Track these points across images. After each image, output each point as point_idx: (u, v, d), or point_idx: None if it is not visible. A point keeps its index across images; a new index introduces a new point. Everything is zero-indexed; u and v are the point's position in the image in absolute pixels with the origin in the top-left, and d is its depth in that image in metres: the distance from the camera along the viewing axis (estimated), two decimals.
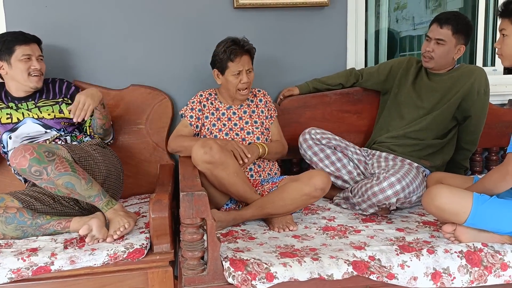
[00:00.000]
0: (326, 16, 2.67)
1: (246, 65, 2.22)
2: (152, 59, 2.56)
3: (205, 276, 1.62)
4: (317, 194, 2.03)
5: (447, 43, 2.30)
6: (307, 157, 2.38)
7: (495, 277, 1.71)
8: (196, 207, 1.58)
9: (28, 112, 2.17)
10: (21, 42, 2.13)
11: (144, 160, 2.49)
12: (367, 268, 1.66)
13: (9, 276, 1.66)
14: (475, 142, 2.50)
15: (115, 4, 2.48)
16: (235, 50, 2.18)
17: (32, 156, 1.76)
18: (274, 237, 1.93)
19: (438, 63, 2.36)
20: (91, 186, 1.87)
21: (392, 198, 2.05)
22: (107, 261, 1.74)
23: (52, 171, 1.78)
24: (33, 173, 1.78)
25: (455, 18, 2.30)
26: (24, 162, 1.76)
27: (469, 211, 1.72)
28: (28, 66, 2.14)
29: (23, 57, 2.12)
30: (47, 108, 2.20)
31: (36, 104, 2.20)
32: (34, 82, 2.16)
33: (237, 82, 2.22)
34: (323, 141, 2.35)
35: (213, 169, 1.98)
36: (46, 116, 2.18)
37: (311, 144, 2.35)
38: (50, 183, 1.81)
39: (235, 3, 2.53)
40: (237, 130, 2.29)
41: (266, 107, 2.40)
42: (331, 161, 2.34)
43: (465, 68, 2.41)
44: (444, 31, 2.29)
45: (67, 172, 1.81)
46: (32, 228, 1.86)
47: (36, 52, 2.18)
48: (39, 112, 2.18)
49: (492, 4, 3.06)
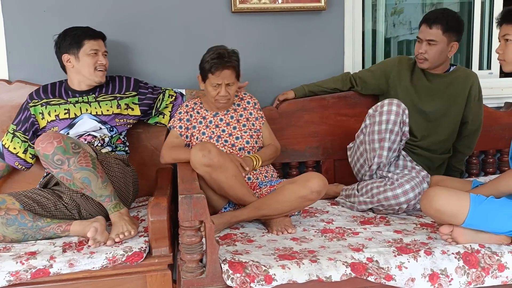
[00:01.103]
0: (323, 20, 2.69)
1: (226, 79, 2.20)
2: (150, 64, 2.57)
3: (204, 279, 1.63)
4: (313, 196, 2.03)
5: (438, 42, 2.29)
6: (380, 126, 2.16)
7: (493, 278, 1.72)
8: (194, 209, 1.59)
9: (87, 106, 2.22)
10: (90, 37, 2.19)
11: (142, 164, 2.49)
12: (365, 269, 1.67)
13: (7, 279, 1.66)
14: (471, 146, 2.52)
15: (115, 9, 2.50)
16: (216, 65, 2.16)
17: (60, 144, 1.78)
18: (272, 239, 1.94)
19: (433, 63, 2.36)
20: (105, 186, 1.90)
21: (403, 204, 2.10)
22: (106, 265, 1.74)
23: (74, 163, 1.81)
24: (55, 161, 1.79)
25: (443, 16, 2.28)
26: (49, 148, 1.77)
27: (467, 212, 1.73)
28: (95, 60, 2.19)
29: (91, 52, 2.18)
30: (106, 103, 2.26)
31: (96, 98, 2.25)
32: (99, 76, 2.21)
33: (215, 94, 2.22)
34: (405, 127, 2.19)
35: (212, 172, 1.98)
36: (104, 112, 2.24)
37: (397, 121, 2.14)
38: (68, 174, 1.83)
39: (233, 7, 2.55)
40: (225, 137, 2.29)
41: (255, 108, 2.41)
42: (394, 148, 2.18)
43: (461, 72, 2.43)
44: (434, 31, 2.28)
45: (88, 167, 1.84)
46: (32, 231, 1.87)
47: (102, 47, 2.24)
48: (98, 106, 2.23)
49: (488, 9, 3.09)
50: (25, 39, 2.44)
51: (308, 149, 2.65)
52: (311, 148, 2.65)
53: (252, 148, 2.31)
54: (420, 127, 2.40)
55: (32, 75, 2.44)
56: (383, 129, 2.16)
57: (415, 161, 2.36)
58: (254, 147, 2.32)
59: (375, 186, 2.19)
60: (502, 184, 1.85)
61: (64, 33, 2.20)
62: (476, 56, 3.03)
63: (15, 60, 2.45)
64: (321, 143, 2.65)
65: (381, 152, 2.18)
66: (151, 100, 2.39)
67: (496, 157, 2.86)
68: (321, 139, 2.65)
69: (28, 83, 2.40)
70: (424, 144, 2.38)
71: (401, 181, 2.12)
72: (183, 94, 2.47)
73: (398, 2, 3.84)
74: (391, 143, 2.17)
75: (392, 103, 2.17)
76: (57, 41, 2.21)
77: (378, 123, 2.18)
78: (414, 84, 2.45)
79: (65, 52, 2.18)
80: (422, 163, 2.36)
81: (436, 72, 2.43)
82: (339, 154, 2.62)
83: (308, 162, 2.67)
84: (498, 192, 1.83)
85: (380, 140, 2.17)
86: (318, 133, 2.65)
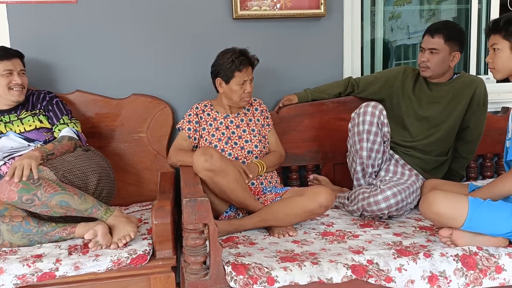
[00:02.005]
0: (323, 26, 2.73)
1: (250, 75, 2.29)
2: (153, 69, 2.60)
3: (207, 281, 1.66)
4: (321, 211, 2.08)
5: (440, 51, 2.34)
6: (359, 127, 2.26)
7: (490, 280, 1.75)
8: (198, 212, 1.62)
9: (10, 125, 2.19)
10: (2, 58, 2.14)
11: (145, 168, 2.53)
12: (365, 271, 1.70)
13: (14, 282, 1.69)
14: (473, 151, 2.54)
15: (117, 15, 2.53)
16: (244, 61, 2.24)
17: (18, 187, 1.81)
18: (274, 242, 1.97)
19: (435, 71, 2.40)
20: (84, 200, 1.91)
21: (384, 210, 2.17)
22: (111, 267, 1.77)
23: (42, 194, 1.83)
24: (25, 202, 1.82)
25: (445, 27, 2.35)
26: (13, 195, 1.81)
27: (466, 215, 1.77)
28: (9, 80, 2.14)
29: (5, 72, 2.13)
30: (28, 119, 2.21)
31: (18, 117, 2.21)
32: (16, 96, 2.17)
33: (241, 92, 2.28)
34: (385, 128, 2.28)
35: (214, 177, 2.01)
36: (28, 128, 2.19)
37: (374, 122, 2.24)
38: (44, 206, 1.85)
39: (234, 14, 2.59)
40: (235, 139, 2.33)
41: (262, 115, 2.45)
42: (376, 149, 2.28)
43: (466, 78, 2.45)
44: (436, 40, 2.34)
45: (57, 191, 1.85)
46: (38, 236, 1.89)
47: (18, 66, 2.19)
48: (21, 124, 2.19)
49: (485, 15, 3.13)
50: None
51: (308, 153, 2.68)
52: (311, 152, 2.69)
53: (260, 152, 2.35)
54: (417, 129, 2.44)
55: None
56: (360, 130, 2.27)
57: (409, 163, 2.38)
58: (262, 152, 2.36)
59: (361, 192, 2.25)
60: (498, 187, 1.90)
61: None
62: (473, 61, 3.07)
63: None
64: (320, 147, 2.69)
65: (361, 152, 2.27)
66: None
67: (493, 161, 2.90)
68: (320, 143, 2.69)
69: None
70: (419, 146, 2.41)
71: (383, 187, 2.19)
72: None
73: (396, 8, 3.88)
74: (371, 143, 2.26)
75: (368, 105, 2.28)
76: None
77: (356, 125, 2.29)
78: (416, 93, 2.48)
79: None
80: (416, 165, 2.39)
81: (438, 81, 2.46)
82: (338, 158, 2.66)
83: (308, 166, 2.71)
84: (494, 195, 1.87)
85: (360, 141, 2.27)
86: (318, 138, 2.68)
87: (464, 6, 3.29)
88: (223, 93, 2.34)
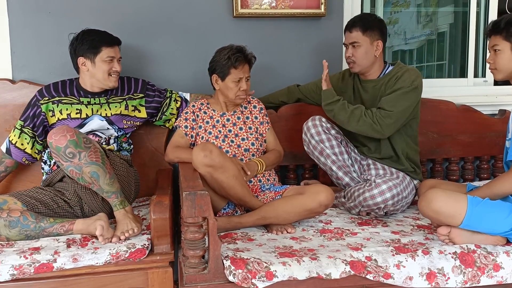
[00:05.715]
0: (322, 26, 2.74)
1: (246, 73, 2.29)
2: (152, 67, 2.60)
3: (206, 274, 1.65)
4: (321, 210, 2.08)
5: (361, 43, 2.32)
6: (312, 143, 2.34)
7: (488, 278, 1.76)
8: (198, 206, 1.62)
9: (98, 108, 2.24)
10: (107, 44, 2.19)
11: (143, 165, 2.52)
12: (364, 267, 1.71)
13: (11, 273, 1.68)
14: None
15: (118, 13, 2.54)
16: (240, 58, 2.24)
17: (72, 138, 1.82)
18: (272, 238, 1.97)
19: (362, 65, 2.35)
20: (113, 182, 1.93)
21: (381, 204, 2.16)
22: (109, 260, 1.77)
23: (84, 157, 1.85)
24: (66, 154, 1.83)
25: (360, 19, 2.36)
26: (62, 141, 1.81)
27: (465, 213, 1.78)
28: (111, 67, 2.20)
29: (108, 59, 2.19)
30: (116, 105, 2.28)
31: (107, 100, 2.27)
32: (113, 82, 2.24)
33: (236, 89, 2.28)
34: (332, 131, 2.35)
35: (213, 172, 2.01)
36: (113, 112, 2.27)
37: (320, 131, 2.32)
38: (78, 168, 1.86)
39: (234, 12, 2.59)
40: (232, 137, 2.33)
41: (261, 113, 2.45)
42: (339, 151, 2.33)
43: (398, 71, 2.34)
44: (354, 34, 2.34)
45: (97, 162, 1.88)
46: (35, 232, 1.88)
47: (118, 54, 2.25)
48: (108, 108, 2.26)
49: (483, 18, 3.15)
50: (29, 39, 2.47)
51: (306, 153, 2.68)
52: None
53: (257, 150, 2.35)
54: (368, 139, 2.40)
55: (36, 75, 2.47)
56: (314, 145, 2.34)
57: (381, 161, 2.37)
58: (259, 150, 2.36)
59: (356, 189, 2.25)
60: (496, 187, 1.92)
61: (82, 36, 2.19)
62: (471, 64, 3.08)
63: (19, 60, 2.47)
64: None
65: (332, 158, 2.33)
66: (158, 103, 2.42)
67: (490, 163, 2.91)
68: None
69: (31, 83, 2.43)
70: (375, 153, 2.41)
71: (378, 182, 2.19)
72: (187, 100, 2.50)
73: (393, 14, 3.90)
74: (331, 148, 2.33)
75: (307, 122, 2.37)
76: (74, 43, 2.20)
77: (309, 143, 2.36)
78: (356, 97, 2.47)
79: (81, 55, 2.18)
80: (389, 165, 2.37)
81: (370, 78, 2.41)
82: None
83: (306, 165, 2.71)
84: (493, 195, 1.89)
85: (321, 153, 2.34)
86: None
87: (462, 9, 3.31)
88: (219, 90, 2.34)
